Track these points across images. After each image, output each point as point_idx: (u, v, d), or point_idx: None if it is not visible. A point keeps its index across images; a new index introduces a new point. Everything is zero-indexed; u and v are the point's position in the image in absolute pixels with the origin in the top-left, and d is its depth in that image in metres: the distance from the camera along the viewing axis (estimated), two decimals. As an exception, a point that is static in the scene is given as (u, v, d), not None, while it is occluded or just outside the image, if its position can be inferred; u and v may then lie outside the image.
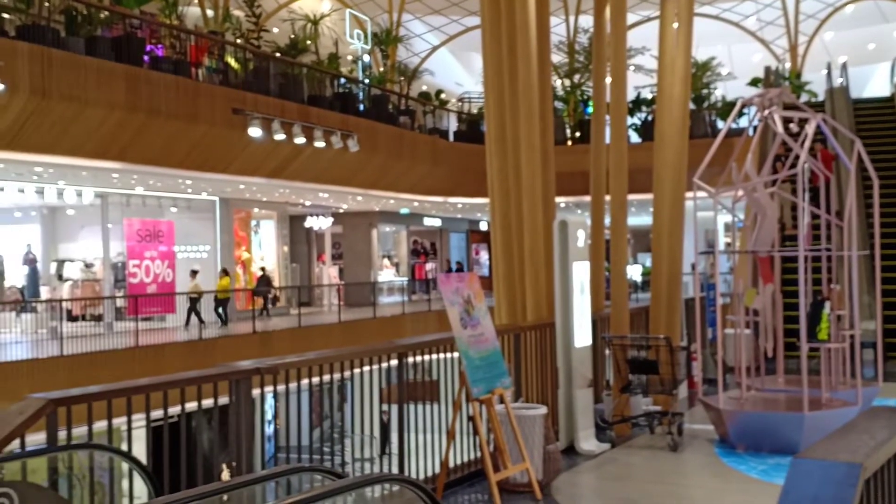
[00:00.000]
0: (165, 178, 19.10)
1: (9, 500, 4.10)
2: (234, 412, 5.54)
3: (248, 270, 25.61)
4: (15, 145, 14.27)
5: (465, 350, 6.67)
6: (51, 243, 24.06)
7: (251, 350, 17.46)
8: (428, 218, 33.38)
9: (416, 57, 30.51)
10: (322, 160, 20.49)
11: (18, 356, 15.30)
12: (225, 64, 18.81)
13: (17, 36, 14.15)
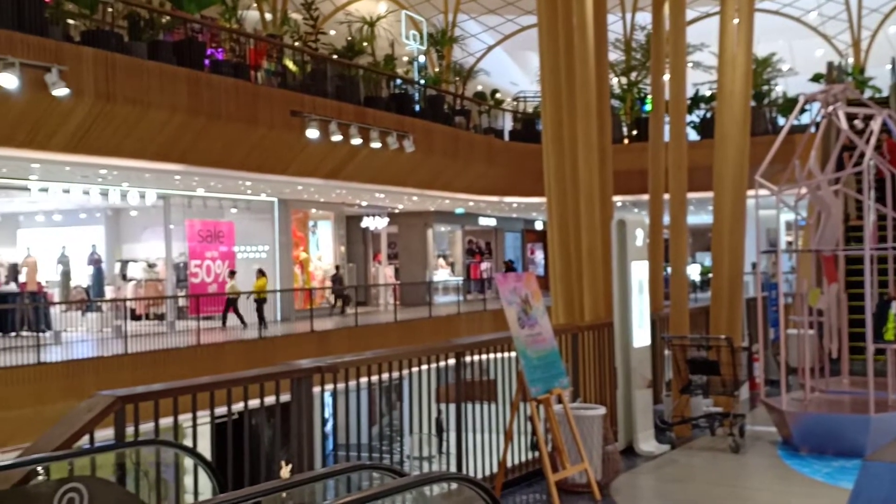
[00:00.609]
0: (226, 179, 19.41)
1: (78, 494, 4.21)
2: (295, 410, 5.61)
3: (306, 270, 25.89)
4: (81, 148, 14.63)
5: (523, 350, 6.65)
6: (115, 244, 24.61)
7: (308, 349, 17.65)
8: (483, 217, 33.37)
9: (472, 57, 30.52)
10: (378, 161, 20.62)
11: (84, 354, 15.69)
12: (283, 67, 19.05)
13: (82, 41, 14.50)
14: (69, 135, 14.19)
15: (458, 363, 6.94)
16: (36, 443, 4.48)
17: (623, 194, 19.66)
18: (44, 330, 17.83)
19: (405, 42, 25.45)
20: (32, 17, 13.23)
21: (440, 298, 28.56)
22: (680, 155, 9.54)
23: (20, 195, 19.62)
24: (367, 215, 29.16)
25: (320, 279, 26.66)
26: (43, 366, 14.05)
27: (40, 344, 14.86)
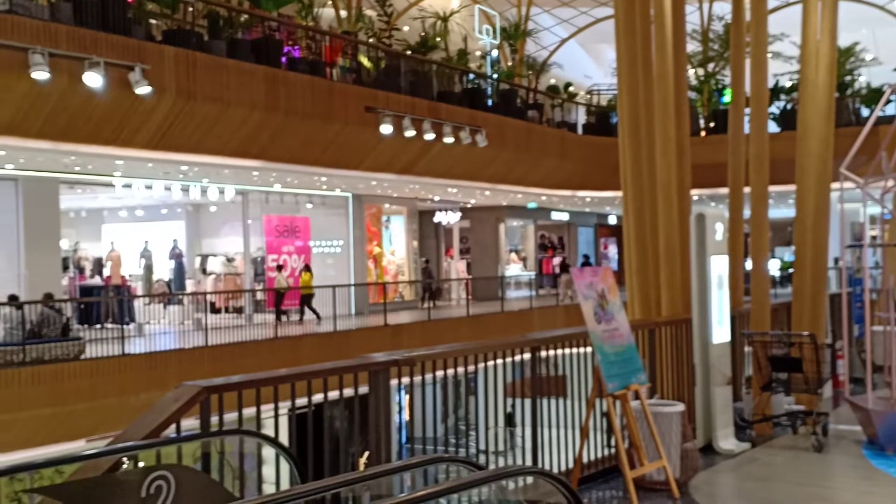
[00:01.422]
0: (302, 175, 19.71)
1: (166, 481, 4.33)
2: (373, 402, 5.67)
3: (379, 265, 26.12)
4: (163, 145, 15.02)
5: (600, 345, 6.60)
6: (195, 239, 25.20)
7: (382, 343, 17.81)
8: (555, 212, 33.16)
9: (545, 50, 30.32)
10: (451, 156, 20.67)
11: (166, 346, 16.10)
12: (358, 63, 19.24)
13: (164, 40, 14.87)
14: (152, 132, 14.57)
15: (534, 358, 6.93)
16: (125, 431, 4.62)
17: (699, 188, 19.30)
18: (127, 322, 18.37)
19: (478, 37, 25.43)
20: (116, 17, 13.62)
21: (512, 293, 28.50)
22: (761, 147, 9.34)
23: (105, 191, 20.26)
24: (440, 210, 29.26)
25: (393, 274, 26.87)
26: (127, 357, 14.47)
27: (124, 336, 15.30)
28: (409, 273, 27.37)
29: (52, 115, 13.14)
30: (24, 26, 12.34)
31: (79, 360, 13.89)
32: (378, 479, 4.00)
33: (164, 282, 23.13)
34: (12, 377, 12.82)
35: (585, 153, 25.55)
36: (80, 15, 13.19)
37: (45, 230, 17.34)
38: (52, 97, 12.87)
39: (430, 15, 23.68)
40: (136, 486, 4.21)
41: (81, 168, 16.79)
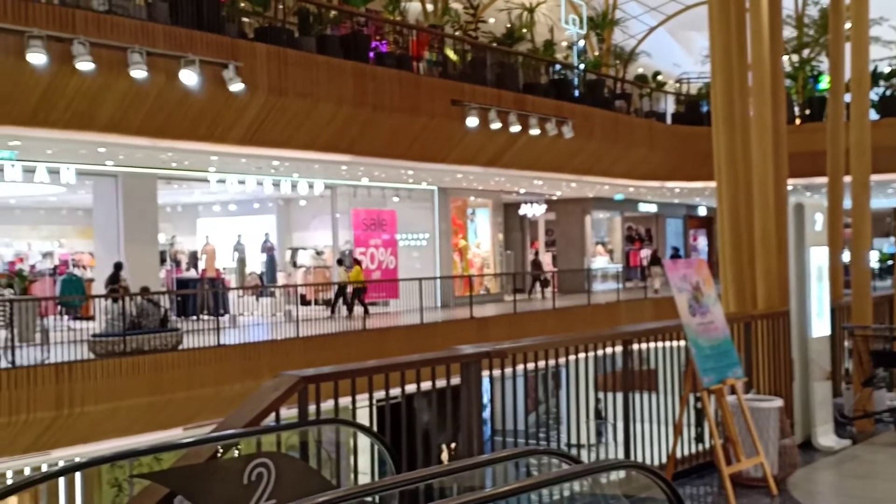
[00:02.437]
0: (389, 169, 19.90)
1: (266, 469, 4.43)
2: (464, 394, 5.69)
3: (465, 258, 26.19)
4: (255, 141, 15.35)
5: (695, 338, 6.48)
6: (285, 232, 25.71)
7: (468, 335, 17.85)
8: (643, 203, 32.67)
9: (633, 39, 29.86)
10: (537, 147, 20.56)
11: (259, 337, 16.49)
12: (444, 56, 19.29)
13: (256, 37, 15.18)
14: (245, 128, 14.91)
15: (626, 351, 6.85)
16: (227, 419, 4.75)
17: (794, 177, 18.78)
18: (222, 314, 18.86)
19: (565, 27, 25.21)
20: (210, 15, 13.96)
21: (599, 286, 28.22)
22: (863, 135, 9.02)
23: (200, 186, 20.84)
24: (525, 202, 29.14)
25: (479, 266, 26.91)
26: (222, 348, 14.85)
27: (219, 327, 15.72)
28: (494, 266, 27.36)
29: (150, 113, 13.56)
30: (122, 26, 12.76)
31: (176, 350, 14.32)
32: (470, 471, 4.03)
33: (256, 274, 23.67)
34: (114, 367, 13.30)
35: (675, 143, 25.08)
36: (176, 14, 13.57)
37: (143, 225, 17.95)
38: (150, 95, 13.28)
39: (516, 6, 23.58)
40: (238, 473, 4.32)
41: (178, 164, 17.31)
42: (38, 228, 26.16)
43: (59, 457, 13.43)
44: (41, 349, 13.20)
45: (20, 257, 23.57)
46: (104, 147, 14.77)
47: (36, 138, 13.50)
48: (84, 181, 17.69)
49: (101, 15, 12.65)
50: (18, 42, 11.49)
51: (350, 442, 5.46)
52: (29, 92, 12.10)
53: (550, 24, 24.38)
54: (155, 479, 4.37)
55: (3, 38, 11.37)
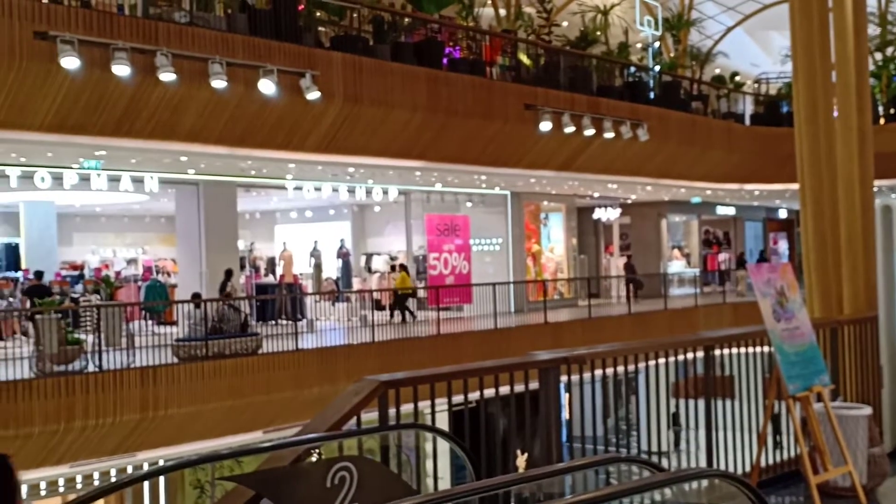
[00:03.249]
0: (462, 174, 19.95)
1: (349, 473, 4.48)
2: (543, 399, 5.67)
3: (538, 262, 26.07)
4: (331, 148, 15.56)
5: (779, 344, 6.33)
6: (360, 238, 25.99)
7: (542, 340, 17.76)
8: (721, 206, 32.06)
9: (709, 39, 29.36)
10: (611, 151, 20.37)
11: (335, 342, 16.67)
12: (517, 61, 19.27)
13: (332, 46, 15.40)
14: (321, 136, 15.13)
15: (707, 357, 6.73)
16: (310, 423, 4.81)
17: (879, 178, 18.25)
18: (299, 319, 19.14)
19: (639, 28, 24.93)
20: (288, 25, 14.21)
21: (675, 290, 27.78)
22: (955, 134, 8.68)
23: (277, 193, 21.22)
24: (599, 206, 28.88)
25: (552, 271, 26.75)
26: (300, 352, 15.06)
27: (297, 332, 15.95)
28: (567, 270, 27.16)
29: (230, 122, 13.87)
30: (203, 38, 13.09)
31: (256, 354, 14.58)
32: (551, 477, 4.00)
33: (332, 280, 23.97)
34: (196, 371, 13.61)
35: (753, 145, 24.56)
36: (254, 25, 13.85)
37: (223, 232, 18.36)
38: (230, 105, 13.58)
39: (589, 9, 23.42)
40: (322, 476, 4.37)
41: (257, 172, 17.67)
42: (123, 236, 26.99)
43: (144, 459, 13.80)
44: (127, 353, 13.59)
45: (106, 264, 24.33)
46: (186, 156, 15.17)
47: (121, 148, 13.93)
48: (167, 189, 18.19)
49: (182, 27, 12.99)
50: (104, 54, 11.88)
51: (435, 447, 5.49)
52: (114, 103, 12.49)
53: (625, 26, 24.13)
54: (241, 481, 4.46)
55: (90, 51, 11.76)
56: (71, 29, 11.57)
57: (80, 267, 23.64)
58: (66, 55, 11.31)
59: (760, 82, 28.05)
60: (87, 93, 12.09)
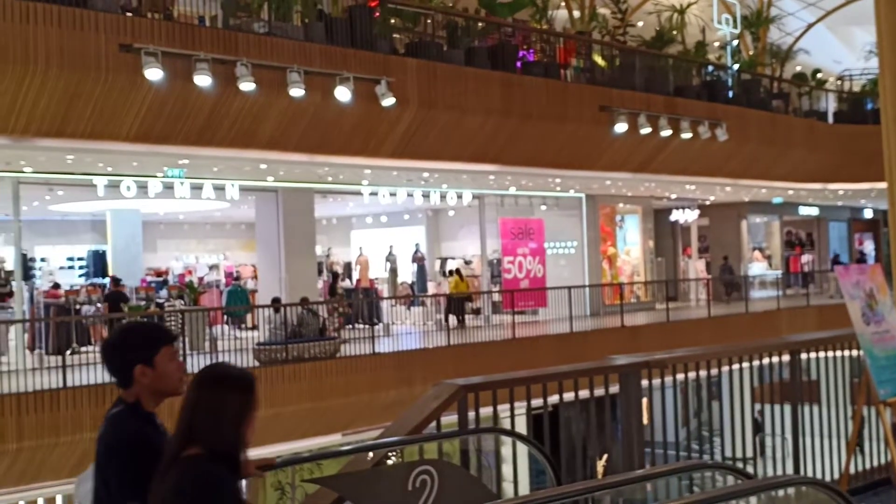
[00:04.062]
0: (536, 177, 19.87)
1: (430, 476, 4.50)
2: (623, 404, 5.62)
3: (614, 265, 25.79)
4: (406, 154, 15.68)
5: (869, 348, 6.14)
6: (434, 242, 26.11)
7: (619, 344, 17.51)
8: (803, 207, 31.25)
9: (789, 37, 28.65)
10: (689, 151, 20.05)
11: (411, 346, 16.77)
12: (591, 62, 19.12)
13: (406, 53, 15.53)
14: (396, 141, 15.26)
15: (794, 361, 6.57)
16: (391, 426, 4.86)
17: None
18: (375, 323, 19.32)
19: (717, 27, 24.47)
20: (363, 33, 14.39)
21: (756, 293, 27.15)
22: None
23: (353, 199, 21.47)
24: (676, 208, 28.43)
25: (628, 274, 26.43)
26: (377, 356, 15.19)
27: (374, 336, 16.10)
28: (644, 273, 26.80)
29: (308, 130, 14.09)
30: (282, 47, 13.33)
31: (334, 358, 14.76)
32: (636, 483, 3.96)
33: (407, 284, 24.12)
34: (276, 374, 13.85)
35: (837, 143, 23.89)
36: (330, 33, 14.05)
37: (302, 237, 18.66)
38: (308, 112, 13.80)
39: (665, 8, 23.09)
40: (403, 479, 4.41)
41: (333, 178, 17.91)
42: (205, 242, 27.65)
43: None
44: (210, 357, 13.90)
45: (189, 270, 24.96)
46: (265, 163, 15.47)
47: (203, 157, 14.28)
48: (247, 196, 18.57)
49: (261, 37, 13.26)
50: (187, 66, 12.20)
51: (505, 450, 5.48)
52: (196, 112, 12.81)
53: (702, 24, 23.72)
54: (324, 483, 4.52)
55: (173, 63, 12.08)
56: (154, 41, 11.91)
57: (165, 273, 24.31)
58: (150, 67, 11.65)
59: (843, 79, 27.27)
60: (170, 103, 12.43)
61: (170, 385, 3.25)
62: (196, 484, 2.85)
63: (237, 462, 2.95)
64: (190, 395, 2.98)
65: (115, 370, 3.29)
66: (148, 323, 3.76)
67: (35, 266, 23.06)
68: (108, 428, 3.25)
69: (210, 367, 3.16)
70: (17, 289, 16.31)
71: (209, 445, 2.89)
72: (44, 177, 15.58)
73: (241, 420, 2.95)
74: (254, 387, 3.01)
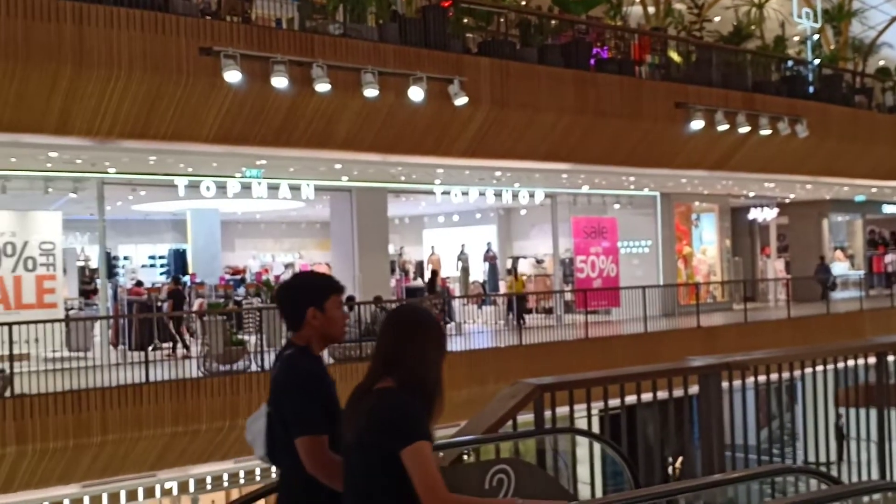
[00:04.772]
0: (610, 175, 19.67)
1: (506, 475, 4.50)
2: (703, 406, 5.53)
3: (689, 264, 25.37)
4: (478, 153, 15.67)
5: (962, 351, 5.92)
6: (506, 241, 26.07)
7: (695, 345, 17.25)
8: (888, 205, 30.27)
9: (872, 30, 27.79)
10: (767, 148, 19.60)
11: (483, 345, 16.77)
12: (667, 59, 18.84)
13: (479, 52, 15.52)
14: (468, 140, 15.26)
15: (881, 364, 6.37)
16: (467, 425, 4.87)
17: None
18: (447, 321, 19.36)
19: (797, 21, 23.84)
20: (436, 33, 14.43)
21: (838, 294, 26.40)
22: None
23: (425, 198, 21.57)
24: (754, 206, 27.83)
25: (705, 274, 25.96)
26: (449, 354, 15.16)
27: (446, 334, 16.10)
28: (721, 273, 26.28)
29: (382, 130, 14.20)
30: (356, 48, 13.46)
31: (407, 356, 14.83)
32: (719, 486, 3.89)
33: (479, 283, 24.13)
34: (352, 371, 13.97)
35: (924, 139, 23.08)
36: (404, 34, 14.13)
37: (375, 237, 18.83)
38: (381, 113, 13.91)
39: (743, 3, 22.62)
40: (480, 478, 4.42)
41: (406, 177, 18.02)
42: (281, 241, 28.15)
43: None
44: (286, 354, 14.10)
45: (265, 268, 25.42)
46: (340, 163, 15.66)
47: (280, 157, 14.53)
48: (321, 196, 18.82)
49: (336, 38, 13.42)
50: (264, 68, 12.42)
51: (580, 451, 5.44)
52: (274, 114, 13.03)
53: (781, 18, 23.16)
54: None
55: (251, 65, 12.31)
56: (233, 44, 12.15)
57: (242, 271, 24.81)
58: (228, 69, 11.90)
59: (930, 73, 26.31)
60: (248, 105, 12.67)
61: (336, 330, 3.59)
62: (396, 411, 3.03)
63: (432, 400, 3.13)
64: (388, 333, 3.20)
65: (289, 313, 3.62)
66: (319, 273, 4.04)
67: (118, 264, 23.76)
68: (284, 367, 3.55)
69: (405, 307, 3.45)
70: (102, 286, 16.84)
71: (407, 381, 3.08)
72: (127, 177, 16.05)
73: (438, 358, 3.18)
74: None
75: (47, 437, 11.25)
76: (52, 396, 11.37)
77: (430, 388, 3.12)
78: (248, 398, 12.77)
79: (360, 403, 3.12)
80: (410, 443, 2.97)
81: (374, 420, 3.04)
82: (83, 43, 11.04)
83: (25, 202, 15.98)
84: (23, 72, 10.73)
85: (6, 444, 11.00)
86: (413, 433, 2.99)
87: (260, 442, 3.59)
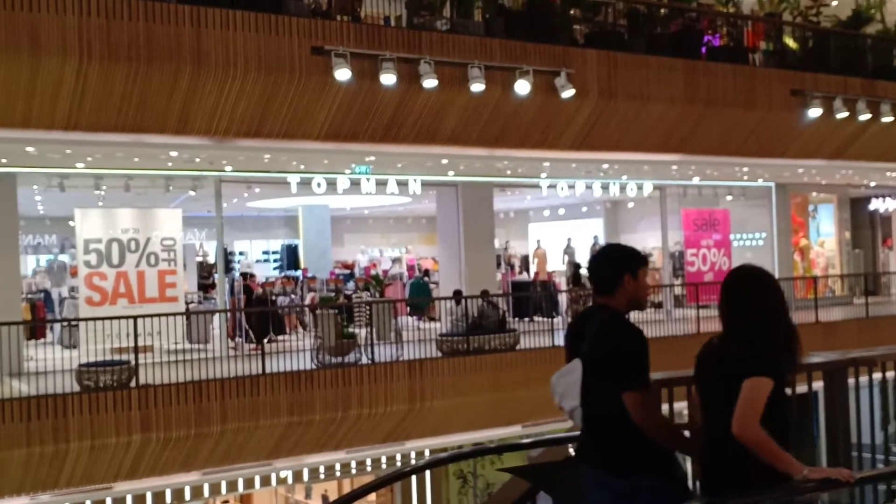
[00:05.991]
0: (722, 166, 19.18)
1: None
2: (829, 404, 5.35)
3: (806, 257, 24.53)
4: (585, 145, 15.51)
5: None
6: (613, 235, 25.73)
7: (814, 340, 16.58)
8: None
9: None
10: (890, 136, 18.73)
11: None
12: (782, 45, 18.21)
13: (585, 43, 15.35)
14: (575, 133, 15.12)
15: None
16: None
17: None
18: (554, 315, 19.28)
19: (924, 1, 22.72)
20: (543, 26, 14.34)
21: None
22: None
23: (531, 192, 21.50)
24: (876, 197, 26.68)
25: (822, 267, 25.06)
26: (556, 349, 15.13)
27: (552, 328, 16.06)
28: (840, 266, 25.32)
29: (488, 124, 14.21)
30: (463, 43, 13.51)
31: (514, 350, 14.86)
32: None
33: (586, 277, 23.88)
34: (458, 365, 14.11)
35: None
36: (510, 27, 14.10)
37: (481, 231, 18.90)
38: (487, 107, 13.92)
39: (863, -15, 21.67)
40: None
41: (512, 171, 18.01)
42: (388, 236, 28.55)
43: (412, 448, 14.50)
44: (395, 347, 14.35)
45: (373, 263, 25.84)
46: (447, 158, 15.76)
47: (388, 153, 14.72)
48: (428, 191, 18.99)
49: (443, 34, 13.49)
50: (373, 65, 12.59)
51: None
52: (382, 110, 13.21)
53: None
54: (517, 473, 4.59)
55: (360, 63, 12.50)
56: (343, 43, 12.37)
57: (351, 266, 25.28)
58: (339, 68, 12.12)
59: None
60: (357, 102, 12.88)
61: (643, 296, 4.15)
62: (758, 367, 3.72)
63: (795, 353, 3.84)
64: (736, 293, 4.07)
65: (604, 278, 4.13)
66: (628, 246, 4.40)
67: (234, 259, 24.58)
68: (605, 328, 4.04)
69: (748, 269, 4.21)
70: (219, 281, 17.45)
71: (755, 336, 3.81)
72: (243, 175, 16.58)
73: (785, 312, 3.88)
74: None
75: (170, 426, 11.74)
76: (174, 387, 11.85)
77: (788, 340, 3.87)
78: (359, 390, 13.03)
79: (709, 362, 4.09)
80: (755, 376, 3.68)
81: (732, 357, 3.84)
82: (201, 45, 11.42)
83: (147, 200, 16.70)
84: (145, 74, 11.17)
85: (132, 432, 11.53)
86: (759, 369, 3.71)
87: (575, 393, 4.08)
